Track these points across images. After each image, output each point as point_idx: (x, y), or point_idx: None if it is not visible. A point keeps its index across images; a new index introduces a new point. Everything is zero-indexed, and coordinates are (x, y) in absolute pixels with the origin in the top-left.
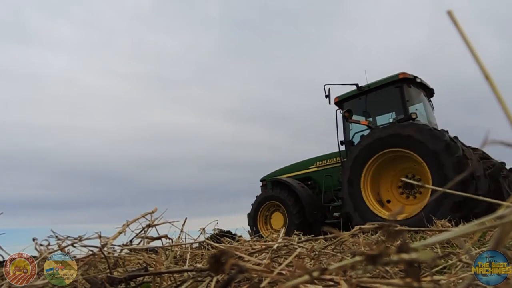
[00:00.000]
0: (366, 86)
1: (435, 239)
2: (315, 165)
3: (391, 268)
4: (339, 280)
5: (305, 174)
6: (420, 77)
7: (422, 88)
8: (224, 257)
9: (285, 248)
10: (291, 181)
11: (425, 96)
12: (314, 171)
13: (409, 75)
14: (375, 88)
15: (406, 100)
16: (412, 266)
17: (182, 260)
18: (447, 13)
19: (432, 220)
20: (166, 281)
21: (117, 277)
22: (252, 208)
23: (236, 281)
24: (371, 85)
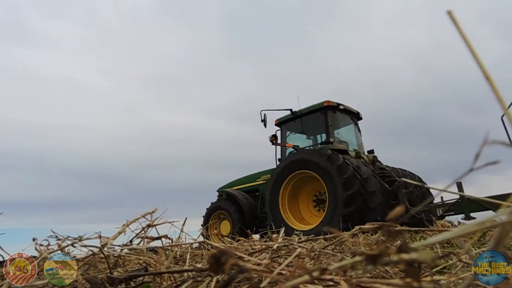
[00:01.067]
0: (298, 111)
1: (435, 239)
2: (261, 178)
3: (391, 268)
4: (339, 280)
5: (253, 186)
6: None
7: (347, 113)
8: (224, 257)
9: (285, 248)
10: (237, 193)
11: (352, 120)
12: (260, 183)
13: (333, 103)
14: (306, 113)
15: (329, 125)
16: (412, 266)
17: (182, 260)
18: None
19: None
20: (166, 281)
21: (117, 277)
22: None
23: (236, 281)
24: (302, 111)
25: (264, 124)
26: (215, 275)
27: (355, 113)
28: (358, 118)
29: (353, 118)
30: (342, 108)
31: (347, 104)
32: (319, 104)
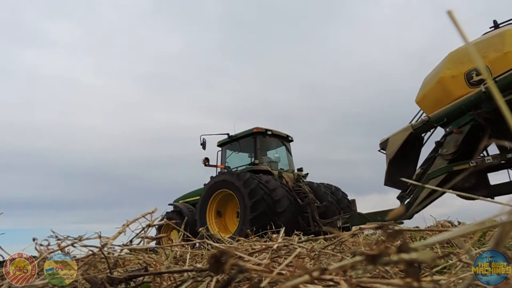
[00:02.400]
0: (234, 136)
1: (435, 239)
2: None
3: (391, 268)
4: (339, 280)
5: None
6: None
7: (277, 137)
8: (224, 257)
9: (285, 248)
10: (182, 206)
11: (282, 142)
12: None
13: (262, 129)
14: (240, 137)
15: (257, 149)
16: (412, 266)
17: (182, 260)
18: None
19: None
20: (166, 281)
21: (117, 277)
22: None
23: (236, 281)
24: (237, 135)
25: (203, 147)
26: (215, 275)
27: (285, 137)
28: (288, 141)
29: (283, 141)
30: (270, 134)
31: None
32: (250, 130)
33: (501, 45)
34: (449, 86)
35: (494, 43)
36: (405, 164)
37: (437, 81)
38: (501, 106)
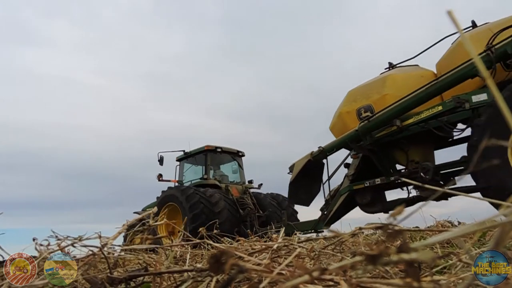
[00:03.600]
0: (189, 152)
1: (435, 239)
2: None
3: (391, 268)
4: (339, 280)
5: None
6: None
7: (227, 153)
8: (224, 257)
9: (285, 248)
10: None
11: (233, 158)
12: None
13: (212, 147)
14: (193, 154)
15: (207, 164)
16: (412, 266)
17: (182, 260)
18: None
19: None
20: (166, 281)
21: (117, 277)
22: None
23: (236, 281)
24: (191, 152)
25: (160, 163)
26: (215, 275)
27: (235, 153)
28: (239, 156)
29: (234, 156)
30: (220, 150)
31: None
32: (202, 148)
33: (382, 88)
34: (346, 120)
35: (377, 86)
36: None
37: (338, 115)
38: (501, 107)
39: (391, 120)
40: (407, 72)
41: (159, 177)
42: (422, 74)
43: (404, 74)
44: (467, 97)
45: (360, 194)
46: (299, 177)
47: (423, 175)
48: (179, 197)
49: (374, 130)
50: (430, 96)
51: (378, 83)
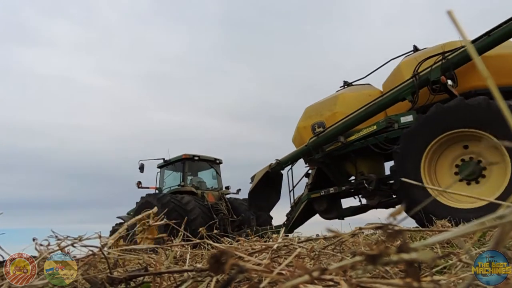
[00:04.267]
0: (168, 160)
1: (435, 239)
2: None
3: (391, 268)
4: (339, 280)
5: None
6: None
7: (205, 161)
8: (224, 257)
9: (285, 248)
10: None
11: (210, 165)
12: None
13: (189, 155)
14: (173, 162)
15: (185, 172)
16: (412, 266)
17: (182, 260)
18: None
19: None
20: (166, 281)
21: (117, 277)
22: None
23: (236, 281)
24: (171, 160)
25: (141, 170)
26: (215, 275)
27: (213, 160)
28: (216, 164)
29: (211, 164)
30: (198, 158)
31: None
32: (180, 156)
33: (333, 106)
34: (303, 134)
35: (329, 104)
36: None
37: (296, 129)
38: (501, 106)
39: (336, 137)
40: (356, 92)
41: (138, 184)
42: (370, 93)
43: (353, 93)
44: (397, 118)
45: (317, 202)
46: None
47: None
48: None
49: (323, 145)
50: (369, 115)
51: (330, 101)
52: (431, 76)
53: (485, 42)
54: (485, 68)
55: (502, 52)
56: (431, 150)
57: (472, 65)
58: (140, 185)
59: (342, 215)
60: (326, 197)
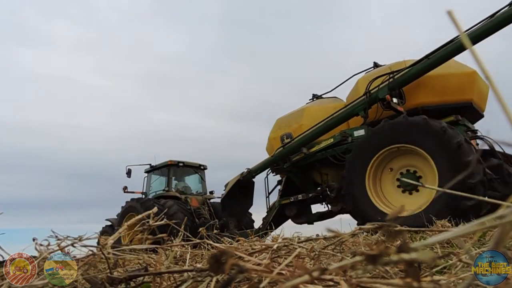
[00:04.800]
0: (155, 166)
1: (435, 239)
2: None
3: (391, 268)
4: (339, 280)
5: None
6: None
7: (190, 167)
8: (224, 257)
9: (285, 248)
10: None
11: (195, 171)
12: None
13: (174, 162)
14: (159, 167)
15: (170, 177)
16: (412, 266)
17: (182, 260)
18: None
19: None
20: (166, 281)
21: (117, 277)
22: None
23: (236, 281)
24: (157, 165)
25: (128, 175)
26: (215, 275)
27: (197, 166)
28: (201, 169)
29: (196, 169)
30: (182, 165)
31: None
32: (165, 162)
33: (300, 118)
34: (273, 144)
35: (296, 116)
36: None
37: (268, 139)
38: (502, 105)
39: (300, 148)
40: (322, 105)
41: (124, 189)
42: (335, 107)
43: (319, 107)
44: (351, 132)
45: (287, 208)
46: (230, 194)
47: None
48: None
49: (289, 155)
50: (328, 129)
51: (298, 114)
52: (379, 94)
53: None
54: (485, 67)
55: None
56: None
57: (419, 83)
58: (126, 189)
59: (311, 220)
60: (295, 203)
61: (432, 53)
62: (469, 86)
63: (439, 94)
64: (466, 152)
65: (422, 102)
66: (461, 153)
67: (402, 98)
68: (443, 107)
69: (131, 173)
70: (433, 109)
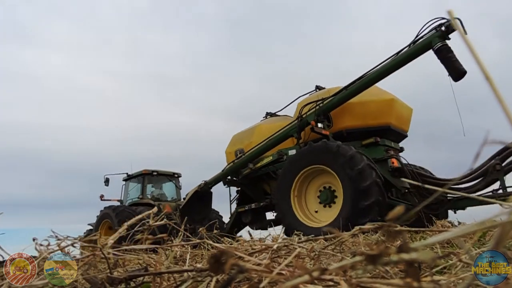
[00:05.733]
0: (131, 175)
1: (435, 239)
2: None
3: (391, 268)
4: (339, 280)
5: None
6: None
7: (164, 175)
8: (224, 257)
9: (285, 248)
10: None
11: (169, 179)
12: None
13: (149, 171)
14: (135, 176)
15: (144, 186)
16: (412, 266)
17: (182, 260)
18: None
19: None
20: (166, 281)
21: (117, 277)
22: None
23: (236, 281)
24: (133, 174)
25: (106, 184)
26: (215, 275)
27: (171, 175)
28: (175, 177)
29: (170, 178)
30: (156, 174)
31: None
32: (140, 171)
33: (251, 136)
34: (229, 158)
35: (248, 134)
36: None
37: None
38: (502, 105)
39: (247, 163)
40: (272, 123)
41: (101, 197)
42: (282, 125)
43: (268, 125)
44: (286, 151)
45: (243, 215)
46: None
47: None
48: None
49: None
50: (269, 147)
51: (250, 131)
52: (308, 119)
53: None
54: (485, 67)
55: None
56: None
57: (343, 109)
58: (103, 198)
59: (265, 226)
60: (250, 211)
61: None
62: (387, 111)
63: (361, 119)
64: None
65: (346, 125)
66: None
67: (330, 121)
68: (364, 130)
69: (109, 181)
70: (355, 131)
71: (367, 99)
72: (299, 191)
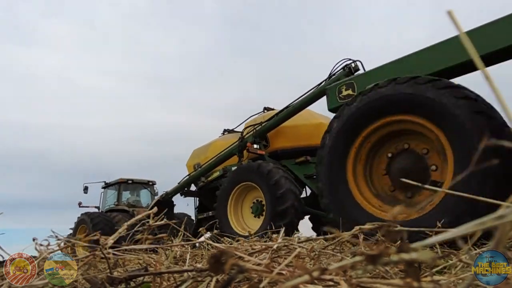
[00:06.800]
0: (108, 183)
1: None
2: None
3: (391, 268)
4: (339, 280)
5: None
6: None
7: (138, 183)
8: (224, 257)
9: (285, 248)
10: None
11: (144, 187)
12: None
13: (124, 180)
14: (112, 184)
15: (120, 193)
16: (412, 266)
17: (182, 260)
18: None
19: None
20: (166, 281)
21: (117, 277)
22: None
23: (236, 281)
24: (110, 182)
25: (85, 191)
26: (215, 275)
27: (146, 183)
28: (149, 185)
29: (145, 185)
30: (131, 182)
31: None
32: (117, 180)
33: (207, 152)
34: (189, 170)
35: (205, 149)
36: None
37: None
38: (502, 105)
39: (200, 177)
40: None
41: (79, 204)
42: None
43: (223, 142)
44: (230, 168)
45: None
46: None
47: None
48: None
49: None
50: (218, 163)
51: (206, 147)
52: (248, 140)
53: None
54: (485, 67)
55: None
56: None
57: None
58: (81, 204)
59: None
60: (208, 218)
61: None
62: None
63: (293, 140)
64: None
65: (280, 146)
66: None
67: (267, 142)
68: (296, 150)
69: (87, 189)
70: (289, 151)
71: (298, 123)
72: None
